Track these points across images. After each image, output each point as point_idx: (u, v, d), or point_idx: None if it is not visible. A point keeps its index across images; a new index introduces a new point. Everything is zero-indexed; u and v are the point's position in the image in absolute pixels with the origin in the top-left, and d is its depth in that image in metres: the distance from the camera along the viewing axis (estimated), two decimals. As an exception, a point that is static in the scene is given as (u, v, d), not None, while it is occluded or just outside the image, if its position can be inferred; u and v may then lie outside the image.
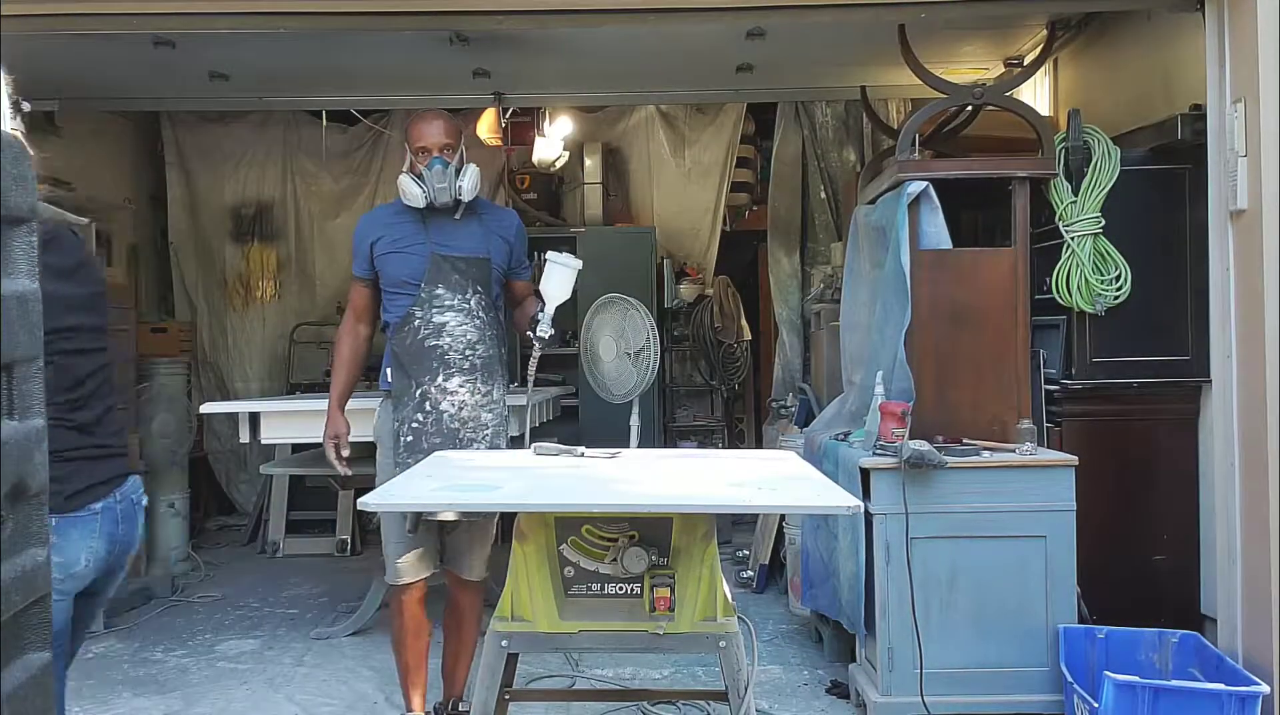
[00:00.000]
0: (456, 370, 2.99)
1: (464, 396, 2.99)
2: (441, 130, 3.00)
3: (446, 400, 2.98)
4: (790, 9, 3.51)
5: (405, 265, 3.01)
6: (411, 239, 3.01)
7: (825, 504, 2.22)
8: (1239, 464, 3.02)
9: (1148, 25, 3.81)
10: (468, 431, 2.99)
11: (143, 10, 3.33)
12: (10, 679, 1.01)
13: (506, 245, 3.12)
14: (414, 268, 2.99)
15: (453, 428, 2.98)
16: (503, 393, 3.11)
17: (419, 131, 3.00)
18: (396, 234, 3.04)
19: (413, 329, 2.98)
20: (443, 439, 2.97)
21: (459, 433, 2.98)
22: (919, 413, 3.31)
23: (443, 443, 2.96)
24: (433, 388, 2.98)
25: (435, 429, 2.97)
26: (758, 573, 4.97)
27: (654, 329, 3.51)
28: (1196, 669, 2.96)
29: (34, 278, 1.07)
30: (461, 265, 3.00)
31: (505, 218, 3.21)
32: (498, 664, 2.19)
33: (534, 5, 3.47)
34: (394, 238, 3.03)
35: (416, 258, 3.00)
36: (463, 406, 2.99)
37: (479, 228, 3.06)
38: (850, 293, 3.97)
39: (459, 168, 2.99)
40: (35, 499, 1.06)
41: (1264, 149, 2.86)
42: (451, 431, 2.98)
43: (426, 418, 2.97)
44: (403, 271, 3.01)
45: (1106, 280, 3.47)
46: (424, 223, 3.02)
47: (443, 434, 2.97)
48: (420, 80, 5.10)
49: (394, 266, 3.02)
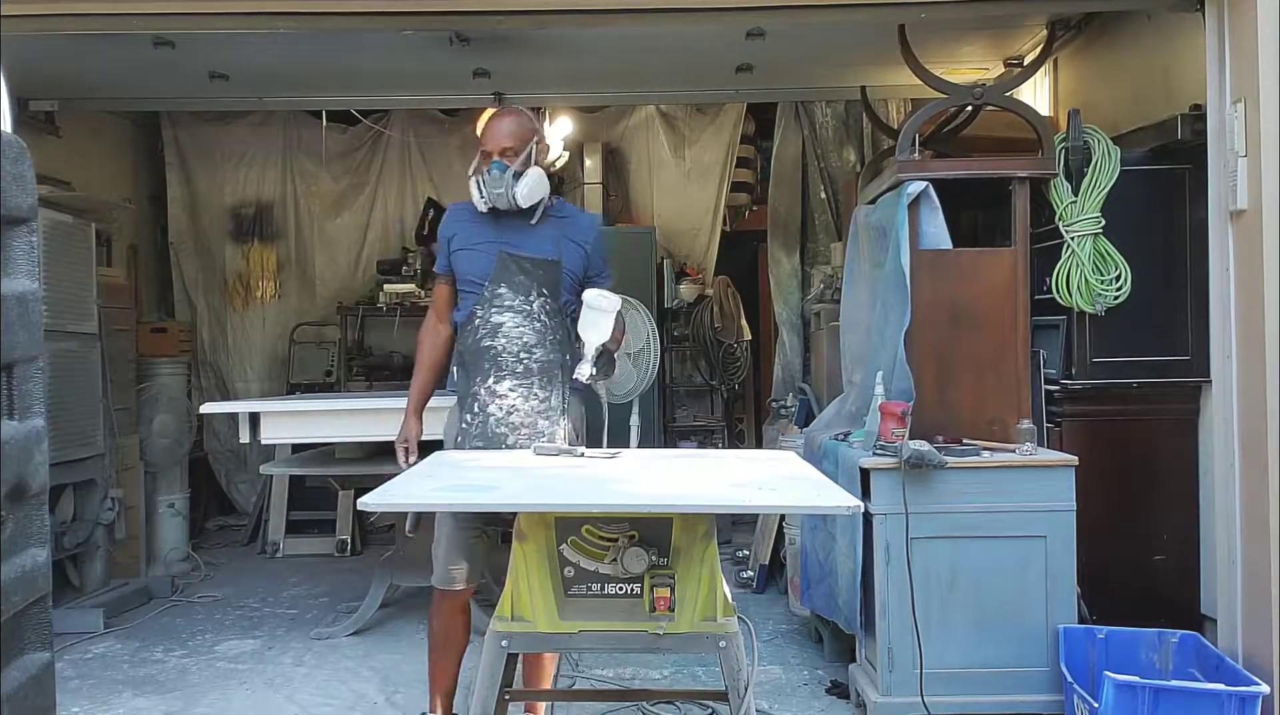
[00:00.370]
0: (509, 373, 2.86)
1: (514, 401, 2.86)
2: (502, 132, 2.89)
3: (494, 403, 2.86)
4: (790, 9, 3.51)
5: (474, 263, 2.92)
6: (483, 237, 2.92)
7: (825, 504, 2.22)
8: (1239, 464, 3.02)
9: (1148, 25, 3.81)
10: (519, 438, 2.84)
11: (143, 10, 3.33)
12: (10, 679, 1.01)
13: (582, 251, 2.97)
14: (482, 266, 2.90)
15: (499, 432, 2.84)
16: (565, 401, 2.92)
17: (483, 133, 2.92)
18: (471, 231, 2.95)
19: (473, 328, 2.89)
20: (485, 443, 2.84)
21: (505, 438, 2.84)
22: (919, 413, 3.31)
23: (485, 447, 2.83)
24: (482, 389, 2.87)
25: (480, 432, 2.85)
26: (758, 573, 4.97)
27: (654, 329, 3.51)
28: (1196, 669, 2.96)
29: (34, 278, 1.07)
30: (528, 266, 2.88)
31: (584, 222, 3.06)
32: (498, 664, 2.19)
33: (534, 5, 3.47)
34: (468, 235, 2.95)
35: (485, 256, 2.90)
36: (512, 411, 2.85)
37: (554, 231, 2.94)
38: (850, 293, 3.97)
39: (519, 172, 2.85)
40: (35, 499, 1.07)
41: (1264, 149, 2.86)
42: (497, 436, 2.84)
43: (474, 420, 2.87)
44: (472, 269, 2.92)
45: (1106, 280, 3.47)
46: (497, 222, 2.92)
47: (486, 437, 2.84)
48: (420, 80, 5.10)
49: (464, 264, 2.94)
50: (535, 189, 2.88)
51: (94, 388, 4.90)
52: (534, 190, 2.88)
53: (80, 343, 4.81)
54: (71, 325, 4.72)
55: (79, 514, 4.75)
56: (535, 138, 2.93)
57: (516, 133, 2.91)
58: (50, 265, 4.47)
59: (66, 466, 4.49)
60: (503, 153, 2.87)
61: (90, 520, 4.76)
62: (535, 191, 2.88)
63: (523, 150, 2.89)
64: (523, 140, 2.90)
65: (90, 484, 4.77)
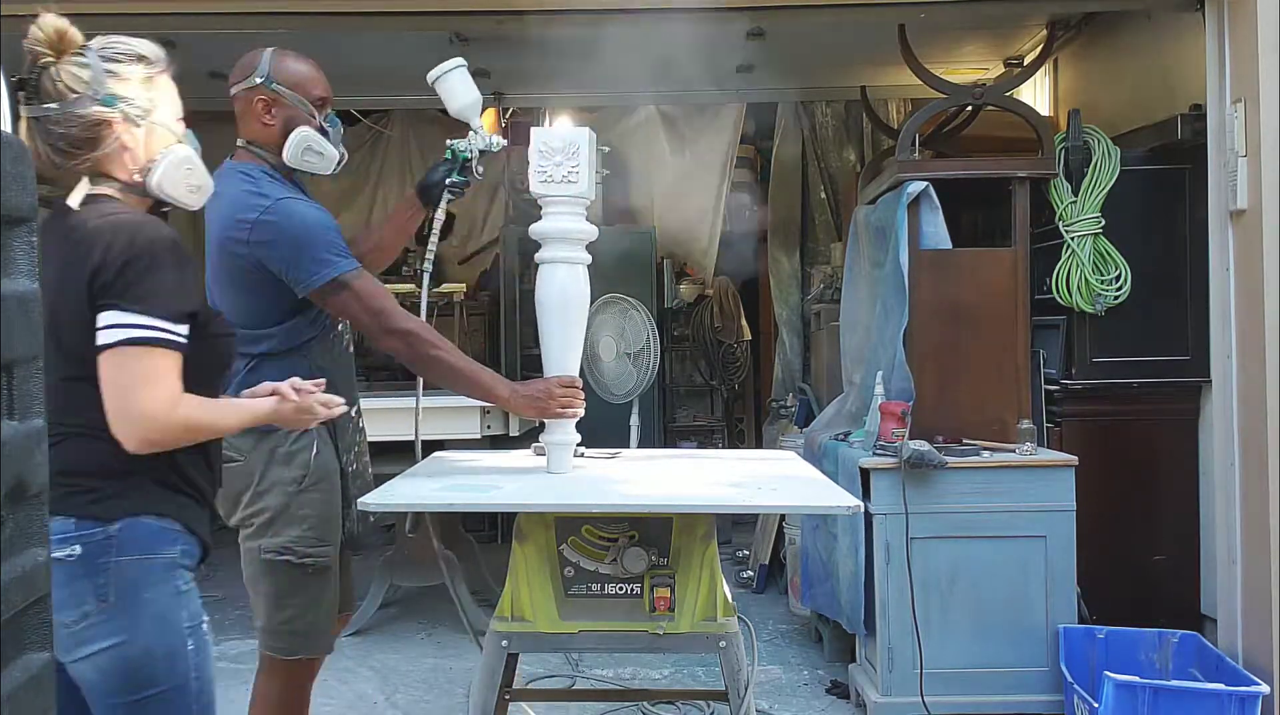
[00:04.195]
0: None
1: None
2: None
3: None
4: (790, 9, 3.51)
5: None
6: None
7: (825, 504, 2.22)
8: (1239, 464, 3.02)
9: (1148, 25, 3.81)
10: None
11: (143, 10, 3.33)
12: (10, 679, 1.01)
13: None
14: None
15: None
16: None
17: (312, 77, 2.38)
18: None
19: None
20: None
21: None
22: (919, 413, 3.31)
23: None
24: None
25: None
26: (758, 573, 4.97)
27: (654, 329, 3.51)
28: (1196, 669, 2.96)
29: (34, 278, 1.07)
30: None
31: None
32: (498, 664, 2.19)
33: (534, 5, 3.47)
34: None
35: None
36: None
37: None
38: (850, 293, 3.97)
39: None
40: (35, 499, 1.06)
41: (1264, 149, 2.86)
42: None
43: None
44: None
45: (1106, 280, 3.46)
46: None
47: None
48: (420, 80, 5.07)
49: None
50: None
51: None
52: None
53: (80, 343, 4.80)
54: (71, 325, 4.70)
55: (79, 514, 4.74)
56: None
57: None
58: (50, 265, 4.47)
59: (66, 466, 4.48)
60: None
61: (90, 520, 4.75)
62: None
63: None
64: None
65: (90, 484, 4.76)
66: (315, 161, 2.27)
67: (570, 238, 2.38)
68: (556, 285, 2.37)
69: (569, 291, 2.38)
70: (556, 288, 2.38)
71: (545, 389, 2.35)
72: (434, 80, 2.44)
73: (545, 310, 2.40)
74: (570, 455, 2.45)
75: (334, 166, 2.30)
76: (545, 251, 2.39)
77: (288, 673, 2.25)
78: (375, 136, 6.84)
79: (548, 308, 2.39)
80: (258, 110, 2.24)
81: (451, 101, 2.42)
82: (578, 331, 2.43)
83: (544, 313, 2.40)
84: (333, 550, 2.24)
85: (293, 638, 2.22)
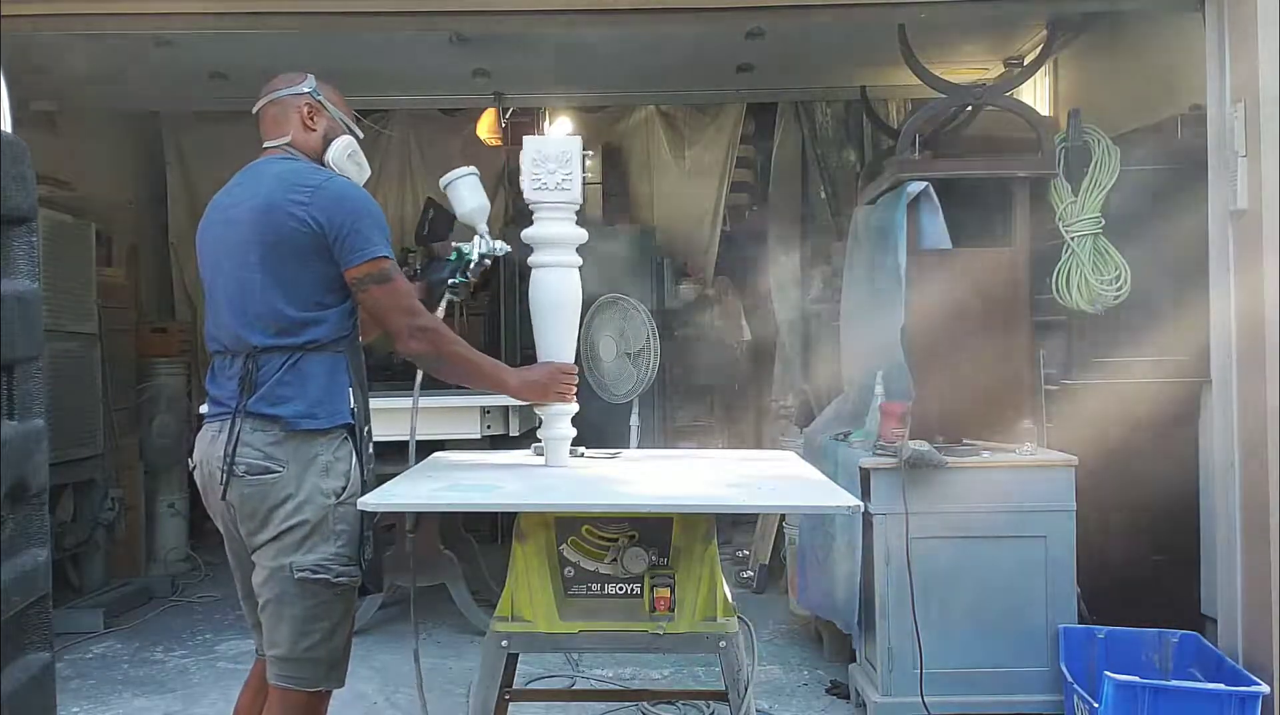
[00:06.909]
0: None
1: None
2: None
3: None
4: (790, 9, 3.51)
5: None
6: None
7: (825, 504, 2.22)
8: (1239, 464, 3.02)
9: (1148, 25, 3.81)
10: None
11: (143, 10, 3.33)
12: (10, 679, 1.01)
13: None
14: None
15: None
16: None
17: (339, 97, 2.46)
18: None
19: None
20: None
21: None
22: (919, 413, 3.31)
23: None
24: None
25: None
26: (758, 573, 4.97)
27: (654, 329, 3.50)
28: (1196, 669, 2.96)
29: (34, 278, 1.07)
30: None
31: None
32: (497, 664, 2.19)
33: (534, 5, 3.47)
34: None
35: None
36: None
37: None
38: (850, 293, 3.97)
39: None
40: (35, 499, 1.06)
41: (1264, 149, 2.86)
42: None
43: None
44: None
45: (1106, 280, 3.46)
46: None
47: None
48: (420, 80, 5.09)
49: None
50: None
51: (94, 388, 4.90)
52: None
53: (80, 343, 4.81)
54: (71, 325, 4.71)
55: (79, 514, 4.75)
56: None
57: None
58: (50, 265, 4.47)
59: (66, 466, 4.49)
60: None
61: (90, 520, 4.76)
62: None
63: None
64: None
65: (90, 484, 4.77)
66: (354, 170, 2.37)
67: (563, 242, 2.46)
68: (550, 288, 2.47)
69: (562, 294, 2.48)
70: (550, 291, 2.47)
71: (547, 373, 2.45)
72: (445, 186, 2.53)
73: (539, 312, 2.49)
74: (567, 449, 2.53)
75: (363, 181, 2.39)
76: (538, 255, 2.47)
77: (304, 709, 2.15)
78: (375, 136, 6.83)
79: (541, 310, 2.48)
80: (303, 113, 2.34)
81: (459, 206, 2.50)
82: (570, 332, 2.52)
83: (538, 315, 2.49)
84: (359, 572, 2.18)
85: (315, 666, 2.13)
